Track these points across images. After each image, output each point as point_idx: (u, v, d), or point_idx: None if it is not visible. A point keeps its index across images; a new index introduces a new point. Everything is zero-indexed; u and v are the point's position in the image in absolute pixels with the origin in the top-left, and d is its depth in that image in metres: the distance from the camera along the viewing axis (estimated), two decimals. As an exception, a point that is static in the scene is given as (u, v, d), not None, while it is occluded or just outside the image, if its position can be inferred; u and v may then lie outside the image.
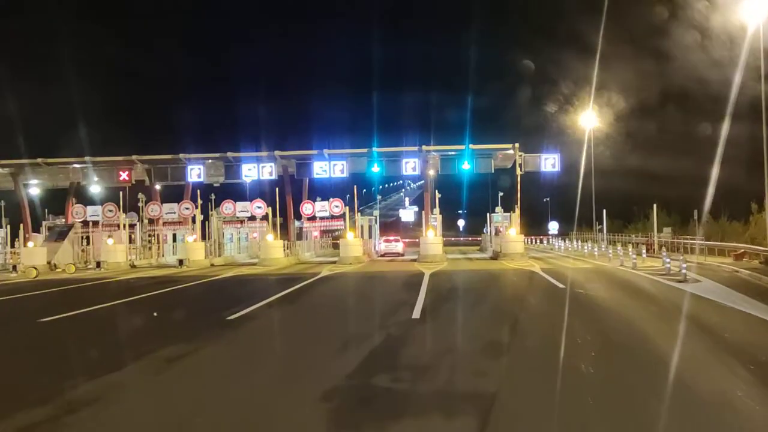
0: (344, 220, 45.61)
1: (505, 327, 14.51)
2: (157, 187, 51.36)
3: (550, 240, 70.81)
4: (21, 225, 46.87)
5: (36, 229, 50.57)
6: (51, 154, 50.01)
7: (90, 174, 48.27)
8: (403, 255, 51.85)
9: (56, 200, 56.27)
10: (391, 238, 54.19)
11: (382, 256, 52.13)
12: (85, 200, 53.36)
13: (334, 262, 42.27)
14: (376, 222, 56.13)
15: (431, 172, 50.05)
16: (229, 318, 16.63)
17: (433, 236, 42.68)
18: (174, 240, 50.83)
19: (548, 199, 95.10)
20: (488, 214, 59.77)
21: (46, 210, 55.32)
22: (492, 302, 19.85)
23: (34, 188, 53.43)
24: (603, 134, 69.28)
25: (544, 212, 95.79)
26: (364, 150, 47.58)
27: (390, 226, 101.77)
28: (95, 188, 52.18)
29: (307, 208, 48.65)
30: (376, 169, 48.17)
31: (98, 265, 41.04)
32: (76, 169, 48.45)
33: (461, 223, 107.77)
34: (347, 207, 45.74)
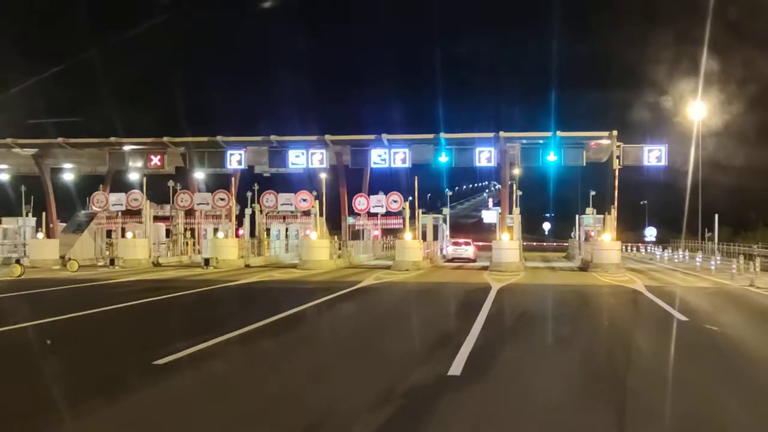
0: (403, 218, 38.93)
1: (603, 411, 7.72)
2: (200, 175, 45.91)
3: (649, 248, 62.28)
4: (44, 214, 41.97)
5: (68, 219, 45.79)
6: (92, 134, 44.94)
7: (119, 158, 43.09)
8: (474, 260, 44.94)
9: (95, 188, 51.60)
10: (461, 240, 47.29)
11: (450, 261, 45.37)
12: (126, 188, 48.29)
13: (389, 267, 35.74)
14: (445, 222, 49.19)
15: (511, 166, 42.94)
16: (159, 362, 10.38)
17: (507, 240, 35.67)
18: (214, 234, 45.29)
19: (645, 201, 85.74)
20: (577, 216, 52.11)
21: (87, 199, 50.57)
22: (581, 347, 12.93)
23: (68, 173, 48.71)
24: (714, 127, 60.62)
25: (641, 216, 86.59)
26: (430, 136, 40.89)
27: (470, 228, 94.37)
28: (134, 175, 46.99)
29: (360, 202, 42.28)
30: (444, 158, 41.42)
31: (112, 262, 35.64)
32: (103, 151, 43.33)
33: (546, 226, 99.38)
34: (407, 202, 38.99)
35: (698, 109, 59.47)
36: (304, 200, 42.87)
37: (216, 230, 41.67)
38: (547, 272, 35.82)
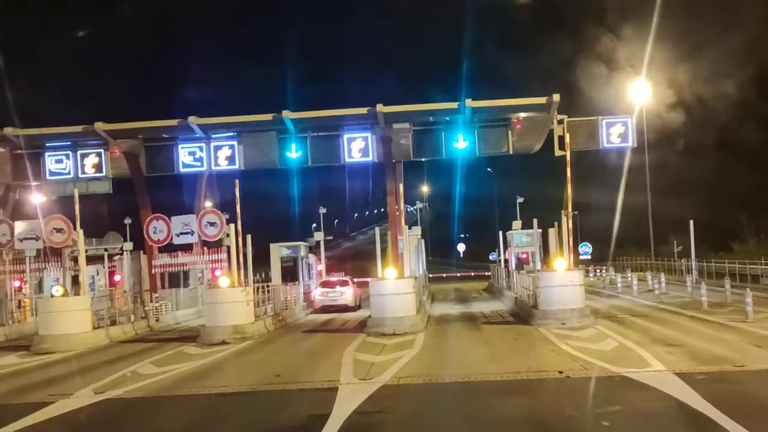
0: (228, 251, 24.22)
1: None
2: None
3: (600, 271, 48.61)
4: None
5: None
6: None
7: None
8: (355, 308, 30.46)
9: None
10: (335, 279, 32.59)
11: (320, 311, 30.69)
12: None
13: (195, 339, 21.26)
14: (306, 253, 34.26)
15: (397, 164, 28.98)
16: None
17: (394, 279, 21.35)
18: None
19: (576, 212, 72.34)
20: (500, 233, 38.29)
21: None
22: None
23: None
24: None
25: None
26: (268, 116, 26.36)
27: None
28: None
29: (156, 229, 27.14)
30: (294, 154, 27.14)
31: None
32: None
33: (461, 247, 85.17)
34: (231, 226, 24.02)
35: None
36: (212, 224, 27.25)
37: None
38: (464, 330, 21.69)
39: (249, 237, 23.60)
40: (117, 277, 34.35)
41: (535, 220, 26.26)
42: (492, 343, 18.25)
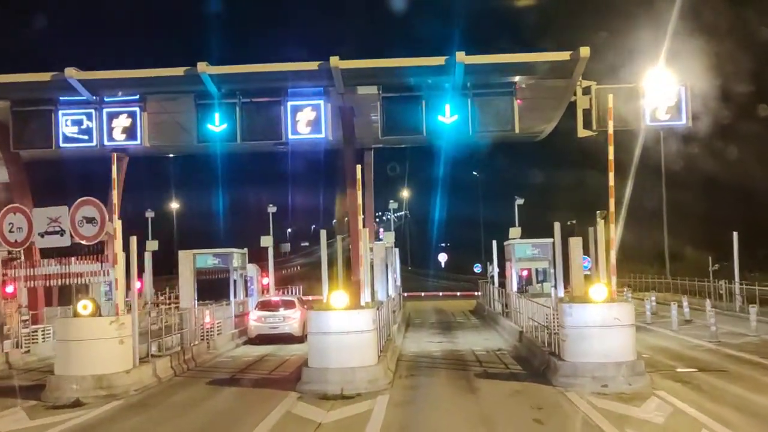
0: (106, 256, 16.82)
1: None
2: None
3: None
4: None
5: None
6: None
7: None
8: (301, 338, 22.83)
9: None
10: (276, 299, 25.02)
11: (254, 341, 23.26)
12: None
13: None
14: (242, 263, 26.33)
15: (363, 144, 21.89)
16: None
17: (344, 306, 14.03)
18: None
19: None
20: (494, 243, 30.94)
21: None
22: None
23: None
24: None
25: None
26: (179, 71, 19.04)
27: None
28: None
29: (12, 223, 19.49)
30: (218, 126, 19.92)
31: None
32: None
33: (443, 257, 76.97)
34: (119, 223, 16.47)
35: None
36: (90, 220, 19.41)
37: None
38: (451, 393, 14.41)
39: (133, 239, 16.15)
40: (10, 288, 26.63)
41: (556, 225, 18.91)
42: (499, 429, 10.99)
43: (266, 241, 30.55)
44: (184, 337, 18.86)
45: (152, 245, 29.68)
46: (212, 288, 25.16)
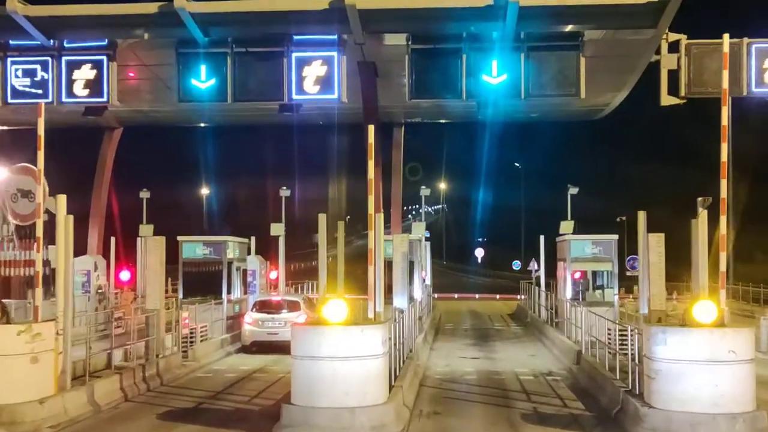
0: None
1: None
2: None
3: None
4: None
5: None
6: None
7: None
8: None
9: None
10: (276, 299, 20.88)
11: (248, 350, 19.31)
12: None
13: None
14: (239, 254, 21.98)
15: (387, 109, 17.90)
16: None
17: (340, 320, 9.94)
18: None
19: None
20: (542, 239, 26.70)
21: None
22: None
23: None
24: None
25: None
26: (152, 7, 15.08)
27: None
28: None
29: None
30: (206, 83, 15.96)
31: None
32: None
33: (480, 253, 72.00)
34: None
35: None
36: (26, 194, 15.40)
37: None
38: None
39: (61, 199, 12.20)
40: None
41: (641, 216, 14.46)
42: None
43: (277, 229, 26.59)
44: (150, 346, 14.96)
45: (146, 230, 26.17)
46: (207, 283, 21.26)
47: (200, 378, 15.77)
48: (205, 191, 54.25)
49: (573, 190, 27.06)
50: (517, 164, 70.03)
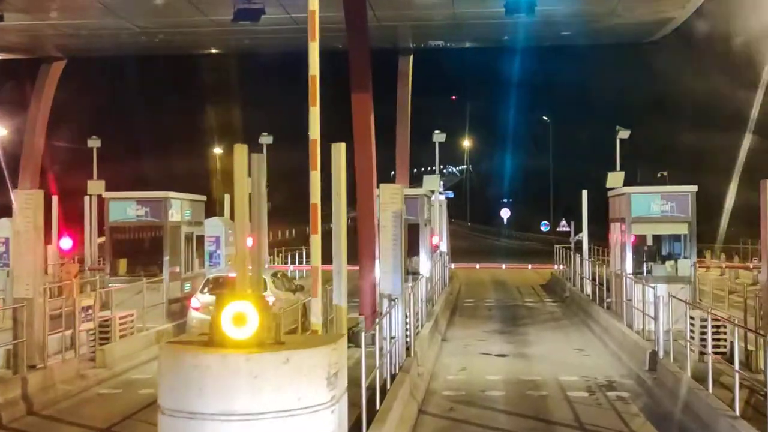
0: None
1: None
2: None
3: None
4: None
5: None
6: None
7: None
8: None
9: None
10: (233, 276, 16.43)
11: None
12: None
13: None
14: (193, 216, 17.01)
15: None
16: None
17: (243, 339, 4.90)
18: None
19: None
20: (584, 195, 21.67)
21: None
22: None
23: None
24: None
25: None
26: None
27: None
28: None
29: None
30: None
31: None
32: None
33: (506, 213, 66.19)
34: None
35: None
36: None
37: None
38: None
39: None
40: None
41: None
42: None
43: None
44: (18, 354, 10.18)
45: (97, 186, 21.70)
46: (149, 255, 16.45)
47: (101, 397, 10.95)
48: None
49: (623, 134, 21.87)
50: (545, 117, 64.50)
